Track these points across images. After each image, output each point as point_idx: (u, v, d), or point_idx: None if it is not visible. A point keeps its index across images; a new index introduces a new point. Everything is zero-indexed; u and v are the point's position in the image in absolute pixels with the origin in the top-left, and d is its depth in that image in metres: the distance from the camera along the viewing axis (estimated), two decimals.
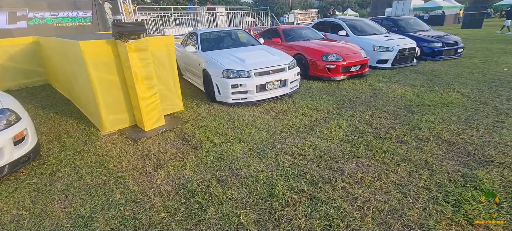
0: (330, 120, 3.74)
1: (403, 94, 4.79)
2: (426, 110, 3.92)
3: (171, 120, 4.04)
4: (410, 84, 5.41)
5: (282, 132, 3.44)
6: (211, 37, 5.92)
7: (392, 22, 9.46)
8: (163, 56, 3.95)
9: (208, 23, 12.37)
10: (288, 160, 2.73)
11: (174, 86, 4.22)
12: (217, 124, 3.78)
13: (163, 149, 3.11)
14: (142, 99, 3.55)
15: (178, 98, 4.34)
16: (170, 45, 4.01)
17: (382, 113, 3.92)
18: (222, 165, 2.70)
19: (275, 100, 4.72)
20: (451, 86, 5.10)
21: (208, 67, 4.77)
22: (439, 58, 8.04)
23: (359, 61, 6.02)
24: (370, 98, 4.68)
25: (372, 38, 7.48)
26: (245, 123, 3.77)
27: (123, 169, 2.71)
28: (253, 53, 5.11)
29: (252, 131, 3.48)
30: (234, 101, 4.52)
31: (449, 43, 8.12)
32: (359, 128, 3.45)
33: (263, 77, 4.49)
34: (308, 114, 4.01)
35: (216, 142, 3.19)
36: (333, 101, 4.59)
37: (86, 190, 2.39)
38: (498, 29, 16.08)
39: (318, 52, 6.01)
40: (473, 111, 3.81)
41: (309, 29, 8.01)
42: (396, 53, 6.97)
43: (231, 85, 4.36)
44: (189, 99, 5.09)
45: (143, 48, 3.39)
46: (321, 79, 6.01)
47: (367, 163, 2.61)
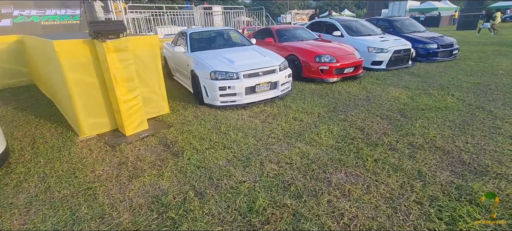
0: (321, 125, 3.58)
1: (397, 97, 4.65)
2: (420, 114, 3.78)
3: (155, 124, 3.85)
4: (405, 87, 5.28)
5: (270, 137, 3.27)
6: (201, 37, 5.74)
7: (388, 22, 9.35)
8: (146, 56, 3.76)
9: (204, 23, 12.17)
10: (273, 169, 2.56)
11: (159, 89, 4.03)
12: (203, 128, 3.60)
13: (142, 156, 2.93)
14: (123, 102, 3.36)
15: (163, 101, 4.15)
16: (154, 46, 3.82)
17: (375, 117, 3.77)
18: (202, 175, 2.52)
19: (265, 103, 4.55)
20: (446, 89, 4.97)
21: (196, 68, 4.59)
22: (434, 59, 7.94)
23: (353, 63, 5.88)
24: (363, 101, 4.53)
25: (366, 39, 7.35)
26: (231, 128, 3.59)
27: (95, 179, 2.52)
28: (243, 53, 4.94)
29: (238, 137, 3.31)
30: (223, 104, 4.34)
31: (444, 45, 8.03)
32: (350, 133, 3.29)
33: (253, 79, 4.32)
34: (299, 118, 3.84)
35: (198, 149, 3.01)
36: (325, 104, 4.43)
37: (51, 204, 2.19)
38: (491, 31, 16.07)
39: (311, 53, 5.85)
40: (468, 115, 3.67)
41: (303, 30, 7.86)
42: (391, 55, 6.85)
43: (219, 87, 4.18)
44: (177, 101, 4.91)
45: (123, 48, 3.20)
46: (314, 81, 5.85)
47: (356, 173, 2.45)
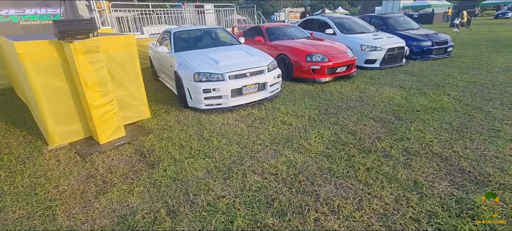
0: (311, 129, 3.35)
1: (391, 97, 4.45)
2: (415, 116, 3.58)
3: (133, 130, 3.58)
4: (399, 86, 5.09)
5: (256, 144, 3.04)
6: (186, 36, 5.46)
7: (381, 20, 9.17)
8: (123, 58, 3.49)
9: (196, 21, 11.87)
10: (256, 181, 2.32)
11: (138, 92, 3.76)
12: (184, 134, 3.34)
13: (114, 168, 2.67)
14: (95, 108, 3.09)
15: (143, 105, 3.88)
16: (131, 46, 3.54)
17: (368, 120, 3.56)
18: (177, 189, 2.27)
19: (253, 106, 4.31)
20: (442, 88, 4.79)
21: (179, 69, 4.32)
22: (428, 57, 7.78)
23: (345, 62, 5.67)
24: (356, 102, 4.32)
25: (360, 37, 7.14)
26: (215, 133, 3.35)
27: (57, 196, 2.25)
28: (230, 53, 4.69)
29: (222, 143, 3.06)
30: (208, 107, 4.09)
31: (438, 42, 7.87)
32: (342, 138, 3.07)
33: (239, 80, 4.07)
34: (287, 122, 3.61)
35: (177, 158, 2.76)
36: (316, 106, 4.21)
37: (3, 228, 1.93)
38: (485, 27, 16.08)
39: (302, 52, 5.62)
40: (466, 117, 3.48)
41: (294, 28, 7.63)
42: (384, 53, 6.66)
43: (202, 89, 3.93)
44: (160, 104, 4.64)
45: (93, 49, 2.93)
46: (305, 81, 5.63)
47: (347, 185, 2.22)
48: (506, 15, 28.94)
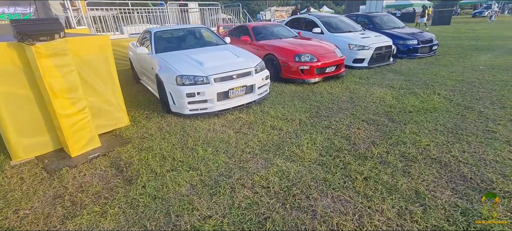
0: (303, 134, 3.17)
1: (382, 97, 4.35)
2: (408, 118, 3.47)
3: (109, 140, 3.27)
4: (389, 86, 5.01)
5: (244, 152, 2.82)
6: (168, 37, 5.16)
7: (367, 19, 9.16)
8: (96, 61, 3.17)
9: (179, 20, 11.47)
10: (247, 197, 2.11)
11: (114, 97, 3.44)
12: (166, 144, 3.07)
13: (86, 185, 2.37)
14: (64, 117, 2.77)
15: (120, 111, 3.56)
16: (106, 47, 3.23)
17: (361, 122, 3.42)
18: (158, 209, 2.02)
19: (241, 109, 4.08)
20: (431, 88, 4.75)
21: (161, 72, 4.03)
22: (414, 56, 7.82)
23: (334, 61, 5.54)
24: (347, 103, 4.18)
25: (347, 35, 7.06)
26: (200, 141, 3.10)
27: (16, 223, 1.95)
28: (215, 54, 4.44)
29: (208, 153, 2.82)
30: (192, 112, 3.83)
31: (424, 41, 7.93)
32: (336, 143, 2.91)
33: (225, 83, 3.83)
34: (277, 127, 3.42)
35: (158, 172, 2.50)
36: (307, 108, 4.04)
37: None
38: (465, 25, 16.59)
39: (290, 52, 5.44)
40: (459, 118, 3.41)
41: (281, 27, 7.45)
42: (372, 52, 6.60)
43: (186, 93, 3.66)
44: (140, 110, 4.32)
45: (60, 52, 2.61)
46: (294, 81, 5.46)
47: (345, 198, 2.05)
48: (483, 13, 30.13)
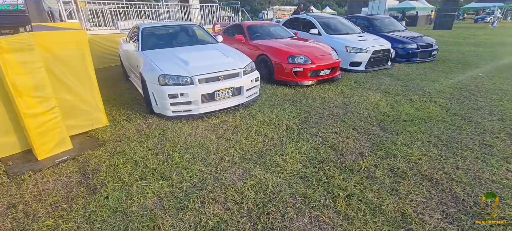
0: (288, 142, 2.98)
1: (376, 104, 4.15)
2: (401, 127, 3.28)
3: (83, 142, 3.08)
4: (384, 91, 4.81)
5: (223, 160, 2.62)
6: (156, 33, 4.95)
7: (367, 21, 8.95)
8: (71, 57, 2.97)
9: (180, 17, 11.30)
10: (216, 213, 1.92)
11: (91, 96, 3.25)
12: (141, 148, 2.88)
13: (46, 193, 2.18)
14: (30, 117, 2.57)
15: (98, 111, 3.37)
16: (82, 43, 3.03)
17: (351, 131, 3.23)
18: (116, 225, 1.83)
19: (227, 112, 3.89)
20: (428, 95, 4.55)
21: (144, 70, 3.84)
22: (413, 60, 7.62)
23: (329, 64, 5.34)
24: (339, 109, 3.99)
25: (345, 38, 6.85)
26: (179, 147, 2.91)
27: None
28: (203, 53, 4.24)
29: (184, 160, 2.63)
30: (175, 114, 3.63)
31: (424, 45, 7.72)
32: (321, 154, 2.71)
33: (211, 84, 3.64)
34: (263, 132, 3.22)
35: (125, 181, 2.31)
36: (296, 113, 3.84)
37: None
38: (467, 31, 16.38)
39: (283, 53, 5.24)
40: (455, 129, 3.22)
41: (278, 27, 7.24)
42: (370, 55, 6.40)
43: (168, 94, 3.47)
44: (123, 109, 4.13)
45: (25, 47, 2.41)
46: (287, 84, 5.26)
47: (324, 219, 1.86)
48: (485, 19, 29.85)
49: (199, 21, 12.08)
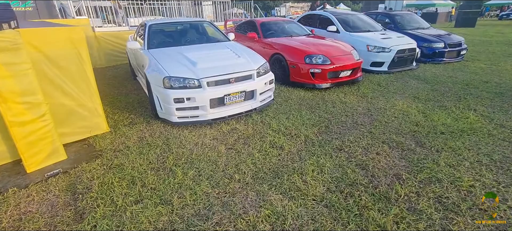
0: (308, 157, 2.57)
1: (405, 111, 3.67)
2: (441, 142, 2.80)
3: (79, 151, 2.79)
4: (413, 96, 4.31)
5: (233, 180, 2.25)
6: (163, 30, 4.62)
7: (388, 17, 8.35)
8: (65, 58, 2.67)
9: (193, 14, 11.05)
10: None
11: (90, 101, 2.95)
12: (141, 161, 2.55)
13: (26, 218, 1.88)
14: (16, 126, 2.28)
15: (98, 117, 3.07)
16: (78, 42, 2.72)
17: (381, 145, 2.78)
18: None
19: (238, 118, 3.52)
20: (464, 101, 4.02)
21: (149, 71, 3.52)
22: (440, 60, 7.00)
23: (350, 65, 4.86)
24: (363, 117, 3.54)
25: (366, 35, 6.33)
26: (183, 160, 2.56)
27: None
28: (213, 53, 3.87)
29: (187, 177, 2.28)
30: (181, 120, 3.29)
31: (451, 44, 7.09)
32: (348, 174, 2.30)
33: (220, 88, 3.27)
34: (278, 144, 2.83)
35: (118, 204, 1.97)
36: (315, 121, 3.42)
37: None
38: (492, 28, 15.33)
39: (300, 53, 4.82)
40: (507, 145, 2.71)
41: (293, 23, 6.79)
42: (394, 55, 5.87)
43: (174, 99, 3.13)
44: (127, 112, 3.83)
45: (9, 46, 2.11)
46: (303, 86, 4.83)
47: None
48: (510, 16, 28.11)
49: (212, 18, 11.78)
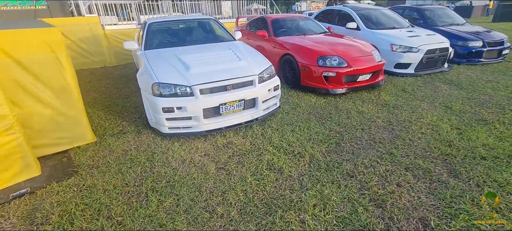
0: (311, 185, 2.12)
1: (435, 125, 3.09)
2: (482, 171, 2.23)
3: (55, 166, 2.52)
4: (444, 106, 3.67)
5: (215, 214, 1.86)
6: (163, 29, 4.30)
7: (417, 12, 7.53)
8: (40, 63, 2.40)
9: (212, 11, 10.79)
10: None
11: (71, 109, 2.68)
12: (117, 181, 2.23)
13: None
14: None
15: (81, 126, 2.80)
16: (56, 45, 2.44)
17: (403, 173, 2.26)
18: None
19: (237, 129, 3.12)
20: (509, 113, 3.34)
21: (139, 75, 3.22)
22: (477, 61, 6.14)
23: (370, 67, 4.27)
24: (383, 132, 3.00)
25: (390, 33, 5.65)
26: (163, 183, 2.20)
27: None
28: (212, 55, 3.48)
29: (161, 209, 1.92)
30: (172, 131, 2.96)
31: (492, 43, 6.19)
32: (359, 214, 1.82)
33: (216, 96, 2.88)
34: (277, 166, 2.40)
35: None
36: (325, 136, 2.94)
37: None
38: None
39: (312, 53, 4.30)
40: None
41: (309, 20, 6.23)
42: (422, 55, 5.17)
43: (162, 108, 2.79)
44: (120, 118, 3.58)
45: None
46: (315, 91, 4.33)
47: None
48: None
49: (230, 14, 11.44)
